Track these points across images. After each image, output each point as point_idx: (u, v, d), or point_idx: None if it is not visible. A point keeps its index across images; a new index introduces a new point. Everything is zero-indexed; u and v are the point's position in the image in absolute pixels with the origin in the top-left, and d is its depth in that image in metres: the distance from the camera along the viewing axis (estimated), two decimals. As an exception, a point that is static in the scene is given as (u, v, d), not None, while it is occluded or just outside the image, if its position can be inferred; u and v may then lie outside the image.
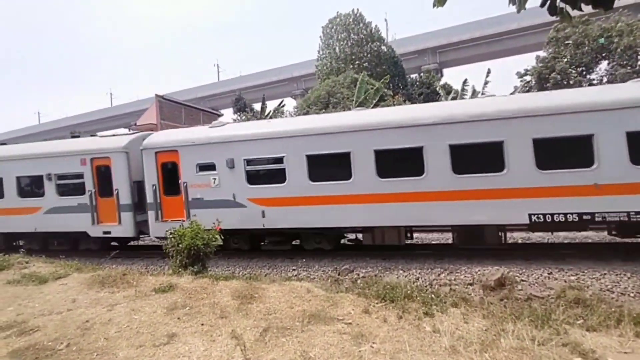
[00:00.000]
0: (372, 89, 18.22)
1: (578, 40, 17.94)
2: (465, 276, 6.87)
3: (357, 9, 25.62)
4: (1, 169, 11.00)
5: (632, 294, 5.61)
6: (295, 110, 25.37)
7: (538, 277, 6.26)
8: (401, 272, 7.19)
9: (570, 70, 18.20)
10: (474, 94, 20.88)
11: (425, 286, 6.68)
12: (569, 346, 3.74)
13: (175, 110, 26.38)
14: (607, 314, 4.53)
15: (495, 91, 28.75)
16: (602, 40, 17.07)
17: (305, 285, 5.80)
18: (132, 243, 11.58)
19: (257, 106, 29.72)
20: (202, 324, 4.47)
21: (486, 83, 21.44)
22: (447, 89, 22.14)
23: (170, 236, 6.83)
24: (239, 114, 27.60)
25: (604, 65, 18.10)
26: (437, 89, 21.82)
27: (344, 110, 18.07)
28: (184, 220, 8.53)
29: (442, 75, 37.74)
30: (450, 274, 7.01)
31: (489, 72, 21.49)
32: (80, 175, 10.03)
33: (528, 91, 18.64)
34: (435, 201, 7.35)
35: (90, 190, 9.96)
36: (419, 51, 39.11)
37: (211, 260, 7.33)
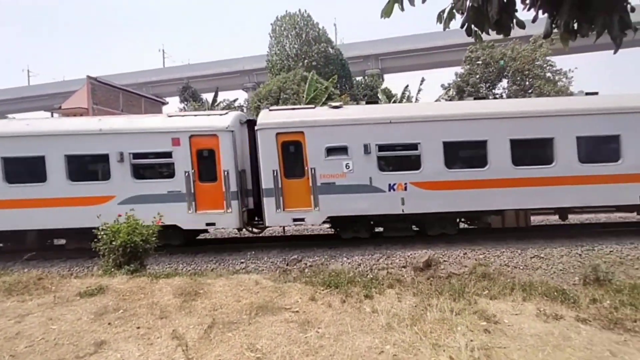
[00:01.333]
0: (321, 87, 18.66)
1: (486, 60, 21.10)
2: (399, 260, 7.57)
3: (305, 10, 25.95)
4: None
5: (521, 267, 6.78)
6: (246, 103, 24.87)
7: (456, 257, 7.19)
8: (345, 259, 7.66)
9: (480, 85, 21.30)
10: (409, 99, 22.82)
11: (366, 271, 7.24)
12: (477, 313, 4.46)
13: (112, 94, 23.91)
14: (504, 284, 5.44)
15: (426, 98, 32.26)
16: (502, 62, 20.50)
17: (254, 278, 5.90)
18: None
19: (207, 96, 28.38)
20: (138, 327, 4.15)
21: (419, 91, 23.66)
22: (387, 93, 23.57)
23: (102, 232, 6.14)
24: (186, 103, 26.00)
25: (504, 83, 21.63)
26: (378, 92, 23.18)
27: (293, 104, 18.25)
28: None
29: (383, 80, 40.36)
30: (388, 259, 7.66)
31: (422, 80, 23.83)
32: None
33: (450, 100, 21.31)
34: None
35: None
36: (364, 56, 41.70)
37: (151, 257, 6.93)
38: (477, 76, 21.13)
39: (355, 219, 8.44)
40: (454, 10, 2.22)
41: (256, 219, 9.06)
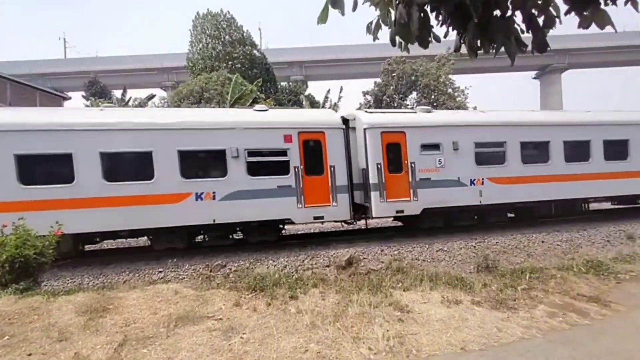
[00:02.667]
0: (246, 89, 18.04)
1: (399, 74, 23.16)
2: (323, 260, 7.68)
3: (228, 11, 24.79)
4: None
5: (429, 260, 7.47)
6: (165, 102, 22.68)
7: (374, 254, 7.58)
8: (271, 262, 7.48)
9: (394, 95, 23.26)
10: (331, 105, 23.69)
11: (292, 272, 7.17)
12: (393, 305, 4.75)
13: (-5, 85, 19.56)
14: (415, 276, 5.92)
15: (347, 106, 34.23)
16: (412, 77, 22.30)
17: (173, 287, 5.40)
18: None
19: (118, 93, 25.12)
20: (30, 354, 3.53)
21: (340, 98, 24.76)
22: (311, 99, 24.04)
23: None
24: (92, 99, 22.53)
25: (414, 95, 23.97)
26: (302, 98, 23.45)
27: (218, 107, 17.31)
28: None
29: (307, 87, 41.16)
30: (312, 259, 7.71)
31: (341, 89, 25.12)
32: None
33: (369, 107, 22.81)
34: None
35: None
36: (289, 62, 41.72)
37: (47, 272, 5.87)
38: (392, 87, 23.01)
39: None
40: (381, 22, 2.32)
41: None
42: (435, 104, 21.65)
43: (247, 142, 7.93)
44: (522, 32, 2.11)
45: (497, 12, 2.08)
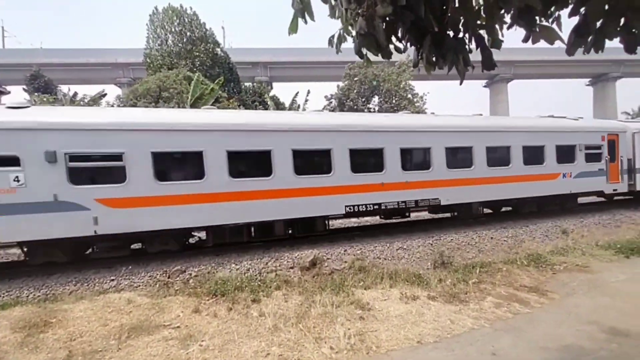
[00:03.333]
0: (207, 88, 17.33)
1: (361, 79, 23.64)
2: (287, 261, 7.62)
3: (191, 7, 23.79)
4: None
5: (390, 258, 7.70)
6: (120, 101, 21.12)
7: (338, 254, 7.67)
8: (234, 265, 7.28)
9: (357, 99, 23.67)
10: (297, 107, 23.66)
11: (255, 275, 7.04)
12: (354, 303, 4.83)
13: None
14: (376, 275, 6.08)
15: (313, 108, 34.37)
16: (374, 82, 23.01)
17: (126, 296, 5.08)
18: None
19: (74, 88, 23.03)
20: None
21: (306, 101, 24.73)
22: (276, 100, 23.79)
23: None
24: (37, 94, 20.35)
25: (376, 99, 24.53)
26: (267, 99, 23.12)
27: (177, 107, 16.50)
28: None
29: (272, 88, 40.70)
30: (276, 261, 7.62)
31: (308, 92, 25.20)
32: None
33: (333, 111, 23.17)
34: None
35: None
36: (253, 63, 40.79)
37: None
38: (355, 91, 23.45)
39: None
40: (344, 34, 2.36)
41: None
42: (396, 108, 22.40)
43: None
44: (471, 51, 2.26)
45: (451, 33, 2.22)
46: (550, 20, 2.13)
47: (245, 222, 7.94)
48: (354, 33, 2.29)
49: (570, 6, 1.99)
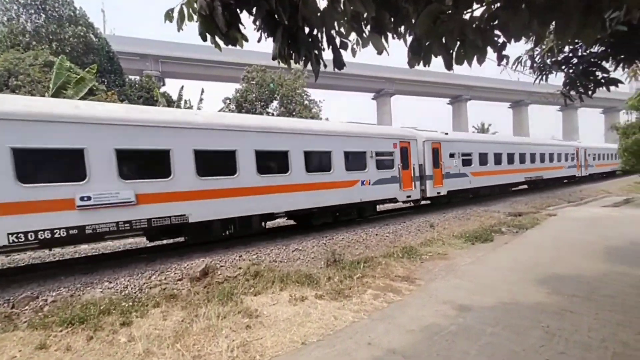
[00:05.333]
0: (75, 77, 14.28)
1: (260, 82, 23.36)
2: (175, 273, 6.84)
3: None
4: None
5: (286, 261, 7.69)
6: None
7: (232, 261, 7.26)
8: (106, 284, 6.12)
9: (256, 103, 23.37)
10: (190, 106, 21.97)
11: (135, 293, 6.08)
12: (242, 312, 4.57)
13: None
14: (268, 279, 5.93)
15: (209, 108, 32.35)
16: (272, 86, 23.30)
17: None
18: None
19: None
20: None
21: (201, 100, 23.25)
22: (167, 97, 21.52)
23: None
24: None
25: (275, 104, 24.66)
26: (157, 96, 20.68)
27: (31, 94, 13.19)
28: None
29: (164, 84, 36.78)
30: (161, 274, 6.75)
31: (202, 91, 23.65)
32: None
33: (232, 111, 22.44)
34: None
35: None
36: (141, 55, 36.01)
37: None
38: (254, 95, 23.07)
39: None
40: (191, 12, 2.10)
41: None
42: (293, 113, 22.83)
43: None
44: (324, 49, 2.29)
45: (307, 29, 2.21)
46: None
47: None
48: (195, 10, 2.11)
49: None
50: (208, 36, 2.12)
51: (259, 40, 2.29)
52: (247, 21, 2.16)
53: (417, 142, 12.81)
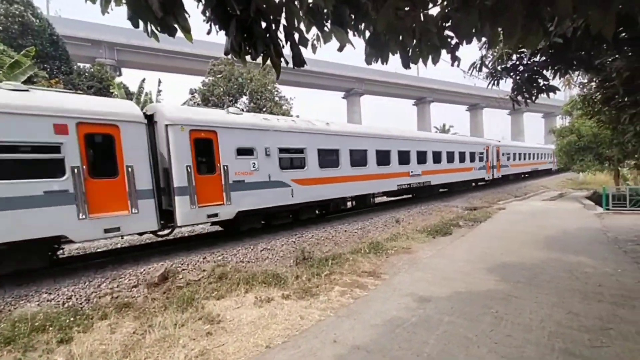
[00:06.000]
0: (8, 59, 12.63)
1: (227, 76, 22.39)
2: (129, 280, 6.30)
3: None
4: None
5: (254, 261, 7.41)
6: None
7: (195, 263, 6.85)
8: (45, 296, 5.46)
9: (224, 97, 22.37)
10: (150, 98, 20.53)
11: (81, 304, 5.49)
12: (203, 318, 4.27)
13: None
14: (232, 281, 5.64)
15: (172, 100, 30.49)
16: (240, 80, 22.35)
17: None
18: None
19: None
20: None
21: (159, 92, 21.97)
22: (124, 89, 19.94)
23: None
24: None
25: (244, 99, 23.73)
26: (112, 87, 19.07)
27: None
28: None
29: (120, 74, 34.11)
30: (113, 281, 6.19)
31: (159, 82, 22.15)
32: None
33: (198, 106, 21.30)
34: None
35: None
36: (93, 41, 32.81)
37: None
38: (222, 89, 22.12)
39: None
40: None
41: None
42: (263, 109, 22.31)
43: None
44: (283, 46, 2.14)
45: (264, 23, 2.04)
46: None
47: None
48: None
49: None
50: (141, 23, 1.86)
51: (208, 32, 2.07)
52: (196, 11, 1.94)
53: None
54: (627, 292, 4.61)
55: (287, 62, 2.29)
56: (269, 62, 2.21)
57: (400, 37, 2.07)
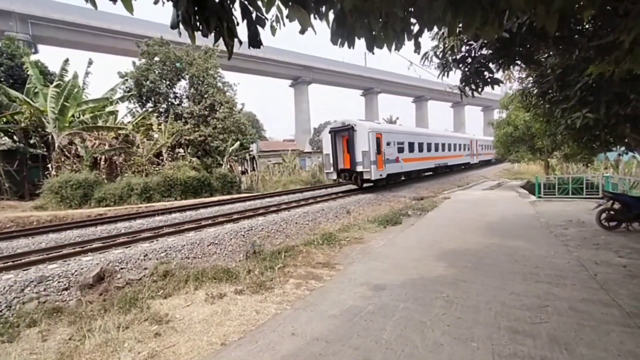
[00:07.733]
0: None
1: (162, 58, 20.74)
2: (58, 282, 5.75)
3: None
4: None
5: (200, 256, 7.23)
6: None
7: (135, 262, 6.46)
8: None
9: (160, 82, 20.75)
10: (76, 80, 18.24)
11: (0, 311, 4.89)
12: (149, 319, 4.10)
13: None
14: (179, 279, 5.47)
15: (100, 85, 27.43)
16: (178, 64, 21.02)
17: None
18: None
19: None
20: None
21: (87, 74, 19.64)
22: (41, 68, 17.41)
23: None
24: None
25: (183, 83, 22.28)
26: (26, 65, 16.52)
27: None
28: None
29: (37, 51, 29.83)
30: (39, 285, 5.60)
31: (90, 62, 19.75)
32: None
33: (129, 92, 19.67)
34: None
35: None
36: (1, 11, 28.19)
37: None
38: (157, 72, 20.55)
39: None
40: None
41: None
42: (205, 95, 21.22)
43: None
44: (238, 24, 2.11)
45: None
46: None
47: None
48: None
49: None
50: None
51: (155, 2, 1.96)
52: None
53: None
54: (559, 272, 5.37)
55: (240, 43, 2.22)
56: (216, 44, 2.14)
57: (366, 20, 2.13)
